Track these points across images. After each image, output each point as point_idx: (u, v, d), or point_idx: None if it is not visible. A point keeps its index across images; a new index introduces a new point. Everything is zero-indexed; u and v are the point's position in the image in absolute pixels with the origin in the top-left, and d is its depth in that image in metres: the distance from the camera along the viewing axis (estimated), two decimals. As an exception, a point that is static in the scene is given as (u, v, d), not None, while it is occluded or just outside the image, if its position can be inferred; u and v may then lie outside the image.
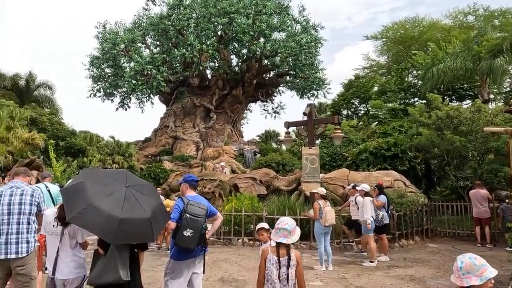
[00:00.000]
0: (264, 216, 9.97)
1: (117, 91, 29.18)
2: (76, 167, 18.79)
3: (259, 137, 38.06)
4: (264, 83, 31.56)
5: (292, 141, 12.56)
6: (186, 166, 24.08)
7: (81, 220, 3.21)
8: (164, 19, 26.60)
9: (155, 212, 3.49)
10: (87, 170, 3.96)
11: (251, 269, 7.42)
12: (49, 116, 23.92)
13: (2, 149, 16.15)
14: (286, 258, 3.36)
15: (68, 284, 3.68)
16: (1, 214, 3.91)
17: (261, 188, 14.01)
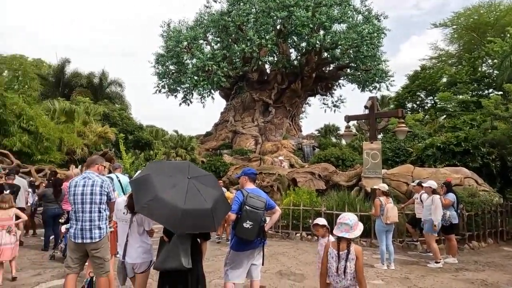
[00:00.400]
0: (323, 211, 9.84)
1: (180, 87, 30.38)
2: (143, 159, 19.95)
3: (318, 132, 37.55)
4: (324, 76, 30.98)
5: (352, 135, 12.21)
6: (245, 160, 24.51)
7: (147, 210, 3.42)
8: (224, 15, 27.15)
9: (216, 202, 3.61)
10: (153, 163, 4.21)
11: (309, 264, 7.39)
12: (119, 111, 25.60)
13: (79, 142, 17.61)
14: (346, 252, 3.41)
15: (136, 268, 3.94)
16: (76, 203, 4.28)
17: (319, 183, 13.84)
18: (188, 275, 3.68)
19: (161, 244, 3.78)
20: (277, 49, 28.45)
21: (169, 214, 3.32)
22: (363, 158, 10.95)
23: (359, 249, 3.43)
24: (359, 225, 3.45)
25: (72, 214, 4.32)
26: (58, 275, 6.30)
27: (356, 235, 3.41)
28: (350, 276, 3.38)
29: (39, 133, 14.90)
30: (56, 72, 28.83)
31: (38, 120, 15.19)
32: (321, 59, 28.82)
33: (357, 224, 3.44)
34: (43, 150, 15.10)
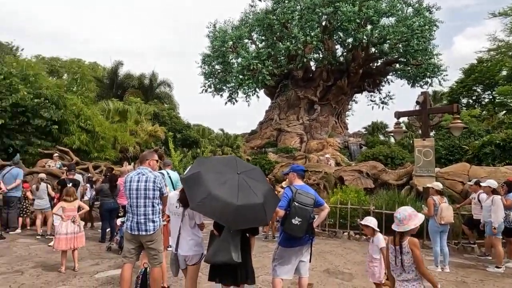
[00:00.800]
0: (372, 210, 9.58)
1: (225, 86, 30.89)
2: (191, 157, 20.51)
3: (365, 129, 36.55)
4: (371, 72, 30.12)
5: (403, 132, 11.74)
6: (290, 158, 24.43)
7: (202, 208, 3.52)
8: (269, 13, 27.21)
9: (267, 196, 3.65)
10: (201, 159, 4.28)
11: (358, 263, 7.23)
12: (168, 111, 26.51)
13: (132, 140, 18.46)
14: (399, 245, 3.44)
15: (188, 260, 4.07)
16: (131, 197, 4.49)
17: (367, 181, 13.48)
18: (237, 269, 3.75)
19: (212, 238, 3.88)
20: (322, 45, 28.06)
21: (224, 210, 3.40)
22: (415, 156, 10.50)
23: (413, 241, 3.40)
24: (412, 219, 3.37)
25: (128, 208, 4.55)
26: (114, 265, 6.66)
27: (405, 229, 3.39)
28: (409, 269, 3.39)
29: (96, 132, 15.81)
30: (110, 74, 30.43)
31: (95, 120, 16.11)
32: (369, 54, 28.04)
33: (409, 219, 3.38)
34: (99, 148, 16.00)
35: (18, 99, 13.04)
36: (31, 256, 7.27)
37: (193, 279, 4.12)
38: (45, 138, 14.24)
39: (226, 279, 3.83)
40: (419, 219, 3.40)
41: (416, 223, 3.38)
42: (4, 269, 6.33)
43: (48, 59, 31.27)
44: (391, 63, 29.21)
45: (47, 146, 13.98)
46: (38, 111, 13.67)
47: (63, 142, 14.59)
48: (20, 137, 13.41)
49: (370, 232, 4.78)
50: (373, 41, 26.23)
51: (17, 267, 6.47)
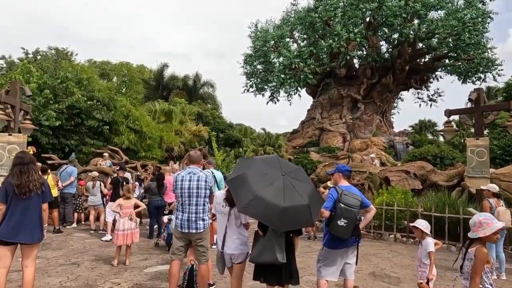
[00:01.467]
0: (420, 212, 9.22)
1: (267, 86, 30.94)
2: (233, 157, 20.80)
3: (412, 128, 35.20)
4: (418, 68, 28.92)
5: (454, 131, 11.15)
6: (332, 157, 24.05)
7: (250, 210, 3.55)
8: (311, 11, 26.92)
9: (312, 197, 3.64)
10: (244, 160, 4.28)
11: (405, 267, 7.01)
12: (211, 111, 27.05)
13: (177, 140, 19.04)
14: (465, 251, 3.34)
15: (234, 258, 4.14)
16: (183, 196, 4.61)
17: (415, 182, 12.97)
18: (282, 269, 3.76)
19: (256, 238, 3.92)
20: (366, 42, 27.35)
21: (271, 213, 3.42)
22: (467, 156, 9.96)
23: (479, 251, 3.20)
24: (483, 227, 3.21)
25: (178, 206, 4.67)
26: (162, 261, 6.92)
27: (474, 236, 3.26)
28: (466, 276, 3.28)
29: (143, 132, 16.47)
30: (156, 76, 31.53)
31: (142, 120, 16.78)
32: (416, 50, 26.95)
33: (478, 226, 3.25)
34: (146, 147, 16.66)
35: (73, 102, 13.88)
36: (86, 250, 7.72)
37: (238, 277, 4.18)
38: (97, 138, 15.05)
39: (270, 279, 3.85)
40: (491, 229, 3.21)
41: (487, 232, 3.20)
42: (62, 261, 6.78)
43: (99, 63, 32.91)
44: (440, 59, 27.87)
45: (99, 145, 14.77)
46: (91, 113, 14.47)
47: (114, 142, 15.34)
48: (75, 137, 14.27)
49: (419, 234, 4.61)
50: (420, 36, 25.17)
51: (74, 259, 6.90)
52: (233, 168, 4.85)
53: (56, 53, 28.79)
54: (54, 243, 8.19)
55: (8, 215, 4.15)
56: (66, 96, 14.15)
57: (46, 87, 13.89)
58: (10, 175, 4.31)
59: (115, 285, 5.47)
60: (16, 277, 5.36)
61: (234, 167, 4.17)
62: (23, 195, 4.16)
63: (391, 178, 13.19)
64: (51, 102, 13.68)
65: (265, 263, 3.69)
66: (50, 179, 9.57)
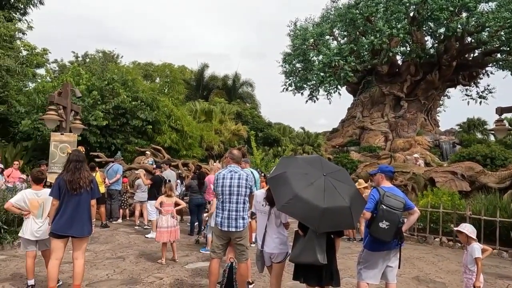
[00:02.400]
0: (468, 215, 8.76)
1: (306, 84, 30.67)
2: (272, 156, 20.84)
3: (460, 126, 33.53)
4: (467, 64, 27.49)
5: (506, 130, 10.50)
6: (373, 157, 23.44)
7: (289, 209, 3.53)
8: (351, 8, 26.37)
9: (353, 199, 3.56)
10: (286, 159, 4.24)
11: (452, 272, 6.69)
12: (250, 110, 27.26)
13: (216, 139, 19.37)
14: None
15: (274, 258, 4.15)
16: (223, 193, 4.66)
17: (463, 183, 12.37)
18: (322, 270, 3.72)
19: (297, 238, 3.88)
20: (410, 38, 26.38)
21: (310, 213, 3.39)
22: (521, 157, 9.38)
23: None
24: None
25: (218, 204, 4.73)
26: (202, 258, 7.06)
27: None
28: None
29: (185, 131, 16.90)
30: (197, 76, 32.23)
31: (184, 120, 17.22)
32: (464, 45, 25.65)
33: None
34: (187, 146, 17.08)
35: (119, 102, 14.50)
36: (131, 245, 8.04)
37: (278, 276, 4.19)
38: (141, 137, 15.64)
39: (310, 280, 3.81)
40: None
41: None
42: (109, 254, 7.11)
43: (143, 65, 34.17)
44: (491, 53, 26.34)
45: (142, 144, 15.33)
46: (135, 113, 15.05)
47: (156, 141, 15.86)
48: (120, 136, 14.91)
49: (464, 239, 4.39)
50: (469, 30, 23.93)
51: (120, 253, 7.21)
52: (272, 167, 4.83)
53: (103, 55, 30.20)
54: (101, 238, 8.60)
55: (61, 210, 4.42)
56: (112, 97, 14.81)
57: (94, 89, 14.61)
58: (64, 172, 4.58)
59: (158, 279, 5.65)
60: (67, 268, 5.68)
61: (276, 165, 4.15)
62: (74, 191, 4.41)
63: (437, 179, 12.66)
64: (99, 102, 14.37)
65: (306, 263, 3.66)
66: (98, 176, 10.04)
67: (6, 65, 14.05)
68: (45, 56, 17.59)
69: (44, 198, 4.95)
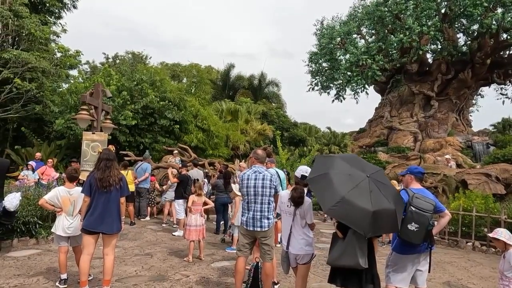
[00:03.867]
0: (503, 219, 8.42)
1: (333, 84, 30.25)
2: (297, 156, 20.72)
3: (494, 127, 32.17)
4: (502, 62, 26.37)
5: (544, 131, 10.05)
6: (402, 158, 22.85)
7: (336, 213, 3.41)
8: (380, 5, 25.80)
9: (396, 201, 3.46)
10: (323, 159, 3.99)
11: (485, 278, 6.45)
12: (276, 110, 27.22)
13: (242, 139, 19.45)
14: None
15: (299, 259, 4.12)
16: (248, 194, 4.68)
17: (497, 186, 11.88)
18: (363, 274, 3.59)
19: (335, 240, 3.77)
20: (441, 35, 25.53)
21: (359, 217, 3.26)
22: (561, 159, 8.92)
23: None
24: None
25: (244, 204, 4.76)
26: (227, 257, 7.11)
27: None
28: None
29: (211, 131, 17.07)
30: (223, 76, 32.48)
31: (210, 120, 17.40)
32: (499, 42, 24.59)
33: None
34: (213, 146, 17.24)
35: (147, 102, 14.81)
36: (158, 242, 8.19)
37: (303, 278, 4.16)
38: (168, 136, 15.92)
39: (350, 284, 3.66)
40: None
41: None
42: (137, 251, 7.27)
43: (171, 65, 34.77)
44: (528, 50, 25.20)
45: (170, 143, 15.60)
46: (163, 112, 15.33)
47: (183, 140, 16.10)
48: (148, 135, 15.23)
49: (501, 245, 4.20)
50: (505, 26, 22.90)
51: (147, 250, 7.36)
52: (297, 167, 4.75)
53: (132, 56, 30.93)
54: (130, 234, 8.81)
55: (92, 207, 4.56)
56: (141, 97, 15.15)
57: (124, 89, 14.99)
58: (95, 169, 4.72)
59: (184, 277, 5.73)
60: (97, 263, 5.85)
61: (313, 165, 3.96)
62: (104, 189, 4.54)
63: (469, 181, 12.22)
64: (128, 102, 14.73)
65: (346, 266, 3.54)
66: (130, 175, 10.30)
67: (41, 67, 14.64)
68: (77, 57, 18.18)
69: (75, 196, 5.13)
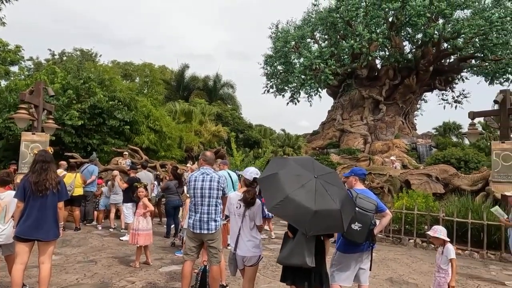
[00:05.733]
0: (441, 217, 8.95)
1: (287, 87, 30.81)
2: (252, 157, 20.79)
3: (436, 130, 34.34)
4: (443, 69, 28.22)
5: (478, 134, 10.79)
6: (353, 159, 23.70)
7: (279, 211, 3.45)
8: (332, 12, 26.66)
9: (344, 202, 3.53)
10: (277, 160, 4.10)
11: (424, 273, 6.80)
12: (231, 111, 27.16)
13: (196, 140, 19.19)
14: None
15: (246, 261, 4.11)
16: (195, 196, 4.60)
17: (437, 186, 12.63)
18: (311, 273, 3.68)
19: (285, 239, 3.83)
20: (389, 42, 26.86)
21: (301, 215, 3.33)
22: (492, 160, 9.62)
23: None
24: None
25: (191, 206, 4.66)
26: (176, 261, 6.95)
27: None
28: None
29: (163, 132, 16.66)
30: (177, 77, 31.91)
31: (162, 120, 16.98)
32: (440, 50, 26.29)
33: None
34: (166, 147, 16.84)
35: (95, 102, 14.17)
36: (104, 248, 7.85)
37: (250, 280, 4.15)
38: (118, 137, 15.32)
39: (299, 282, 3.75)
40: None
41: None
42: (80, 258, 6.91)
43: (122, 64, 33.62)
44: (466, 59, 27.12)
45: (120, 145, 15.02)
46: (113, 113, 14.74)
47: (134, 142, 15.57)
48: (97, 136, 14.57)
49: (440, 242, 4.49)
50: (445, 36, 24.55)
51: (92, 257, 7.02)
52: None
53: (81, 54, 29.56)
54: (73, 240, 8.37)
55: (26, 213, 4.25)
56: (88, 96, 14.47)
57: (69, 88, 14.24)
58: (29, 172, 4.41)
59: (130, 283, 5.52)
60: (35, 273, 5.47)
61: (267, 166, 4.03)
62: (40, 193, 4.25)
63: (412, 181, 12.89)
64: (74, 102, 14.02)
65: (294, 265, 3.63)
66: (78, 178, 9.80)
67: (-24, 62, 13.56)
68: (18, 53, 17.05)
69: (7, 200, 4.76)
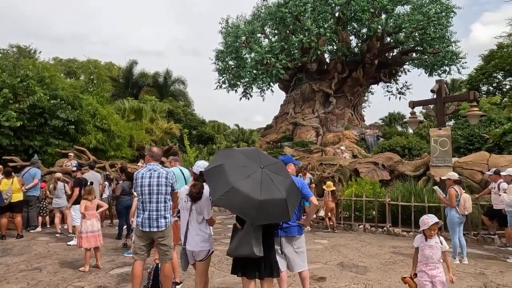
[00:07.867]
0: (387, 202, 9.43)
1: (240, 82, 30.81)
2: (206, 153, 20.64)
3: (382, 121, 35.98)
4: (387, 62, 29.59)
5: (418, 122, 11.45)
6: (306, 151, 24.28)
7: (225, 202, 3.47)
8: (281, 7, 26.95)
9: (289, 191, 3.58)
10: (223, 151, 4.12)
11: (372, 256, 7.14)
12: (183, 108, 26.71)
13: (147, 138, 18.66)
14: None
15: (196, 255, 4.06)
16: (143, 193, 4.47)
17: (383, 173, 13.26)
18: (261, 262, 3.70)
19: (234, 231, 3.85)
20: (336, 37, 27.67)
21: (246, 205, 3.34)
22: (431, 146, 10.27)
23: None
24: None
25: (139, 204, 4.52)
26: (128, 263, 6.73)
27: None
28: None
29: (112, 131, 16.00)
30: (125, 73, 30.82)
31: (110, 119, 16.31)
32: (384, 44, 27.52)
33: None
34: (115, 147, 16.20)
35: (35, 101, 13.31)
36: (50, 254, 7.44)
37: (201, 274, 4.11)
38: (62, 138, 14.50)
39: (249, 273, 3.76)
40: None
41: None
42: (23, 266, 6.51)
43: (65, 61, 31.90)
44: (408, 52, 28.62)
45: (64, 146, 14.24)
46: (55, 112, 13.92)
47: (80, 142, 14.84)
48: (38, 138, 13.70)
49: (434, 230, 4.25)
50: (388, 30, 25.73)
51: (36, 264, 6.63)
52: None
53: (18, 51, 27.66)
54: (15, 249, 7.85)
55: None
56: (27, 95, 13.55)
57: (5, 86, 13.25)
58: None
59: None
60: (-30, 285, 5.10)
61: (213, 158, 4.00)
62: None
63: (360, 170, 13.43)
64: (11, 101, 13.08)
65: (242, 256, 3.63)
66: (16, 183, 9.17)
67: None
68: None
69: None
